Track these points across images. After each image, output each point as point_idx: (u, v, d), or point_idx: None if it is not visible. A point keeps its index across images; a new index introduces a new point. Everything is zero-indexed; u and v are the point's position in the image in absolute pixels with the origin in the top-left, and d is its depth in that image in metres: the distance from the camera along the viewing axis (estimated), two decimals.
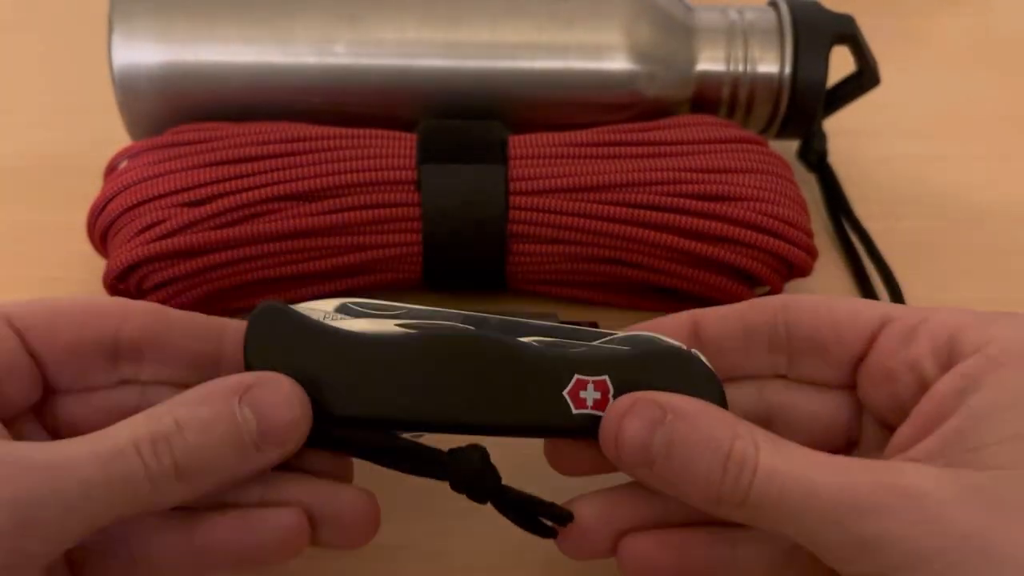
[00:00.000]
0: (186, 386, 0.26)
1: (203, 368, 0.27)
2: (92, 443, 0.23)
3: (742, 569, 0.26)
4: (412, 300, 0.27)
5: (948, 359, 0.24)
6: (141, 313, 0.26)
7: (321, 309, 0.27)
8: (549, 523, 0.27)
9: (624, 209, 0.35)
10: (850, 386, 0.27)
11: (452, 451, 0.26)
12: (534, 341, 0.26)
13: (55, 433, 0.27)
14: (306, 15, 0.38)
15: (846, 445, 0.28)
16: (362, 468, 0.33)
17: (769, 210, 0.36)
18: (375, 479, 0.33)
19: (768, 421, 0.28)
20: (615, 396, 0.25)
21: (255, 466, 0.25)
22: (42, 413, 0.27)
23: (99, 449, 0.23)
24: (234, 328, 0.27)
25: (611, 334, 0.27)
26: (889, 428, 0.26)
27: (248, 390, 0.24)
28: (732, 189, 0.36)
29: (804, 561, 0.26)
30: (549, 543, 0.32)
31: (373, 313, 0.27)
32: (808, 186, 0.43)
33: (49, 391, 0.27)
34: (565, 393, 0.25)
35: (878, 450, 0.27)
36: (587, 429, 0.25)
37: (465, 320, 0.27)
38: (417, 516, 0.32)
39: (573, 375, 0.25)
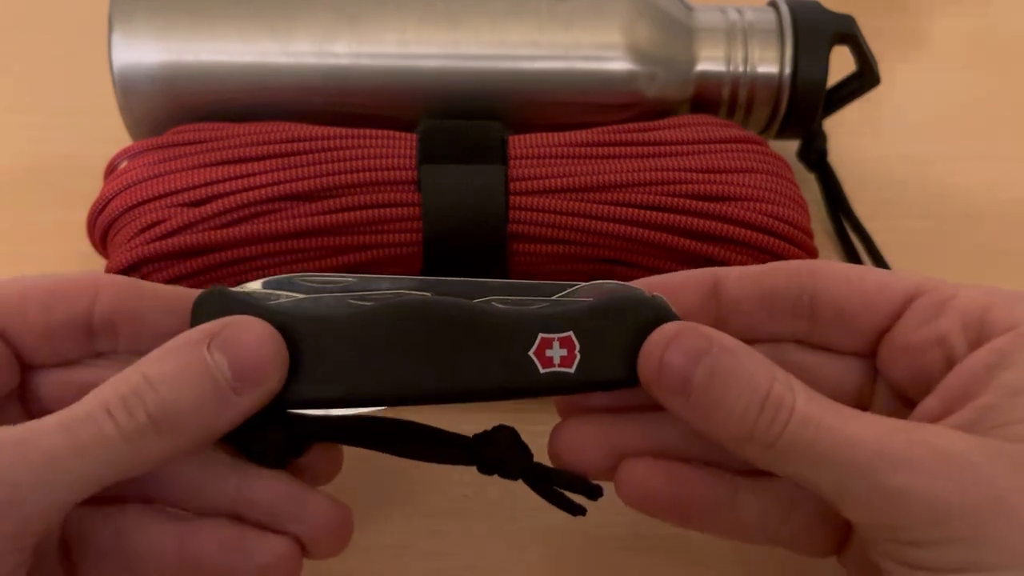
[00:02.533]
0: None
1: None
2: (61, 414, 0.22)
3: (739, 514, 0.26)
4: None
5: (978, 336, 0.24)
6: (113, 288, 0.26)
7: (266, 291, 0.26)
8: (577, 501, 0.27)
9: (624, 209, 0.35)
10: (869, 354, 0.27)
11: (478, 435, 0.26)
12: (494, 300, 0.26)
13: (41, 414, 0.26)
14: (306, 15, 0.38)
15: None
16: (361, 467, 0.33)
17: (769, 210, 0.36)
18: (376, 480, 0.33)
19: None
20: (581, 351, 0.25)
21: (237, 411, 0.24)
22: (24, 396, 0.26)
23: (67, 418, 0.22)
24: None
25: (572, 285, 0.26)
26: (906, 399, 0.26)
27: (216, 335, 0.24)
28: (732, 189, 0.36)
29: (799, 519, 0.26)
30: (549, 544, 0.32)
31: (321, 286, 0.26)
32: (808, 186, 0.43)
33: (28, 371, 0.26)
34: (531, 353, 0.25)
35: (891, 414, 0.27)
36: (557, 387, 0.25)
37: (420, 286, 0.26)
38: (417, 516, 0.32)
39: (537, 334, 0.25)
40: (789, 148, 0.44)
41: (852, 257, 0.41)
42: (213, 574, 0.25)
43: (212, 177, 0.35)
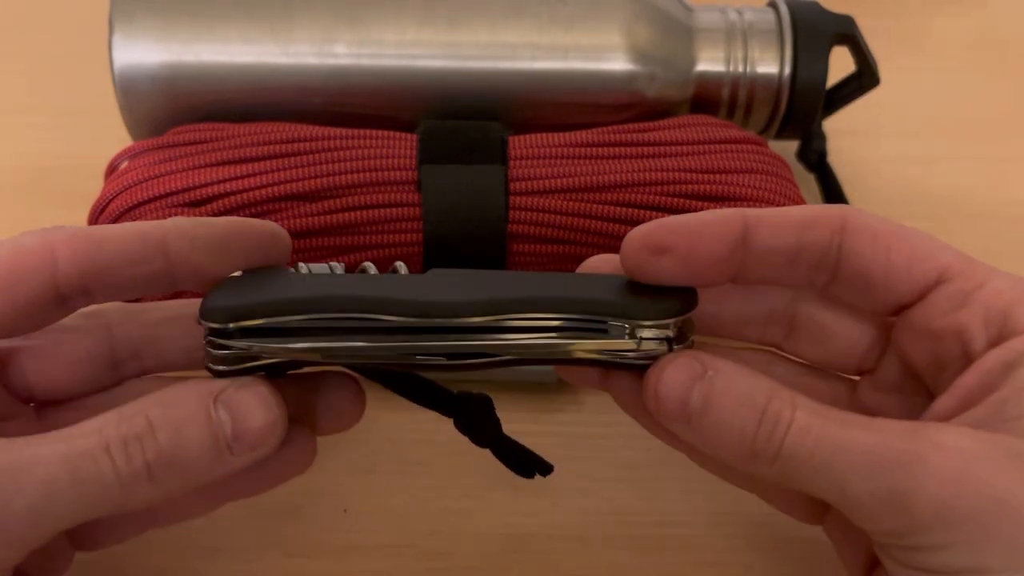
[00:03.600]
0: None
1: (157, 286, 0.26)
2: (60, 442, 0.22)
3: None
4: None
5: (999, 332, 0.24)
6: (71, 249, 0.25)
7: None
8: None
9: (624, 209, 0.35)
10: (885, 321, 0.27)
11: (463, 393, 0.27)
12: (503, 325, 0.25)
13: (26, 387, 0.26)
14: (306, 15, 0.38)
15: (856, 371, 0.28)
16: (361, 467, 0.33)
17: None
18: (376, 479, 0.33)
19: (791, 327, 0.28)
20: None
21: (226, 468, 0.24)
22: (7, 373, 0.26)
23: (66, 450, 0.22)
24: (175, 234, 0.25)
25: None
26: (914, 373, 0.26)
27: (224, 390, 0.24)
28: (732, 189, 0.36)
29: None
30: (549, 544, 0.32)
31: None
32: (808, 186, 0.43)
33: (7, 352, 0.26)
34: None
35: (891, 388, 0.27)
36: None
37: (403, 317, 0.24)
38: (417, 516, 0.32)
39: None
40: (789, 148, 0.44)
41: None
42: None
43: (212, 177, 0.35)
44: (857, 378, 0.28)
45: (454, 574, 0.31)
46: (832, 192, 0.43)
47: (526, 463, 0.29)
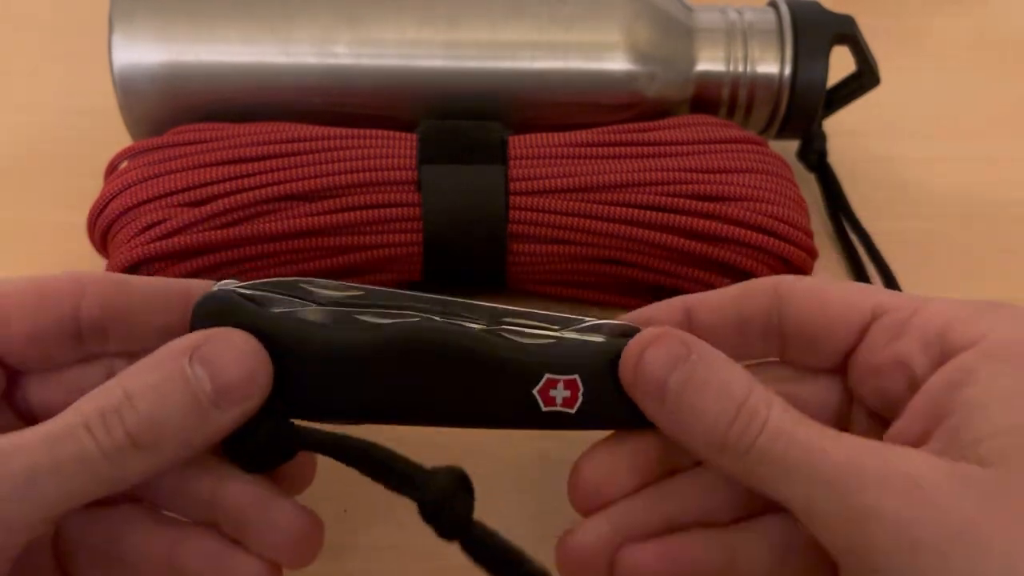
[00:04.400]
0: None
1: (172, 337, 0.25)
2: (40, 428, 0.22)
3: (738, 572, 0.26)
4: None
5: (940, 354, 0.24)
6: (99, 288, 0.25)
7: (274, 294, 0.25)
8: None
9: (624, 209, 0.35)
10: (842, 373, 0.27)
11: (435, 468, 0.25)
12: (507, 322, 0.26)
13: (30, 416, 0.26)
14: (306, 15, 0.38)
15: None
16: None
17: (769, 210, 0.36)
18: (370, 480, 0.33)
19: None
20: (584, 394, 0.25)
21: (217, 427, 0.23)
22: (12, 398, 0.26)
23: (46, 432, 0.22)
24: (196, 288, 0.26)
25: (585, 320, 0.26)
26: (879, 419, 0.26)
27: (198, 348, 0.23)
28: (732, 189, 0.36)
29: (795, 563, 0.26)
30: (549, 547, 0.32)
31: (332, 297, 0.26)
32: (808, 186, 0.43)
33: (15, 376, 0.26)
34: (535, 391, 0.25)
35: (872, 431, 0.26)
36: (556, 425, 0.26)
37: (429, 305, 0.26)
38: (416, 516, 0.32)
39: (544, 374, 0.25)
40: (789, 148, 0.44)
41: (852, 257, 0.41)
42: None
43: (212, 177, 0.35)
44: None
45: (454, 574, 0.31)
46: (832, 192, 0.43)
47: (508, 567, 0.23)
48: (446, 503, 0.24)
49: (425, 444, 0.34)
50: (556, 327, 0.26)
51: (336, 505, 0.32)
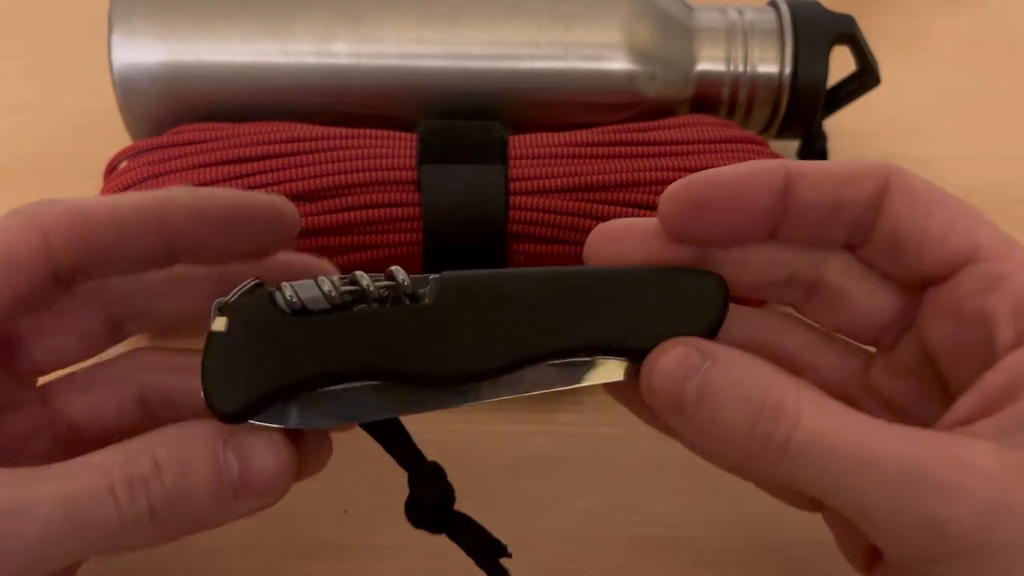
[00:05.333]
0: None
1: (156, 261, 0.25)
2: (61, 480, 0.22)
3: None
4: None
5: None
6: (61, 231, 0.23)
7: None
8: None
9: (624, 209, 0.35)
10: (914, 294, 0.25)
11: (426, 465, 0.26)
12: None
13: (37, 364, 0.26)
14: (306, 15, 0.38)
15: (872, 345, 0.26)
16: (360, 467, 0.33)
17: None
18: (376, 480, 0.33)
19: (812, 291, 0.26)
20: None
21: (230, 514, 0.23)
22: (12, 359, 0.26)
23: (68, 490, 0.21)
24: (175, 206, 0.24)
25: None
26: (932, 358, 0.25)
27: (234, 434, 0.23)
28: None
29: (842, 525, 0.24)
30: (548, 545, 0.32)
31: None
32: None
33: (14, 337, 0.25)
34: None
35: (905, 371, 0.25)
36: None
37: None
38: None
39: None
40: (789, 148, 0.44)
41: None
42: None
43: (212, 177, 0.35)
44: (873, 350, 0.26)
45: (454, 574, 0.31)
46: None
47: (480, 544, 0.27)
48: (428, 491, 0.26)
49: (421, 443, 0.34)
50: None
51: (336, 505, 0.32)
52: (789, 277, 0.26)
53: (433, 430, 0.32)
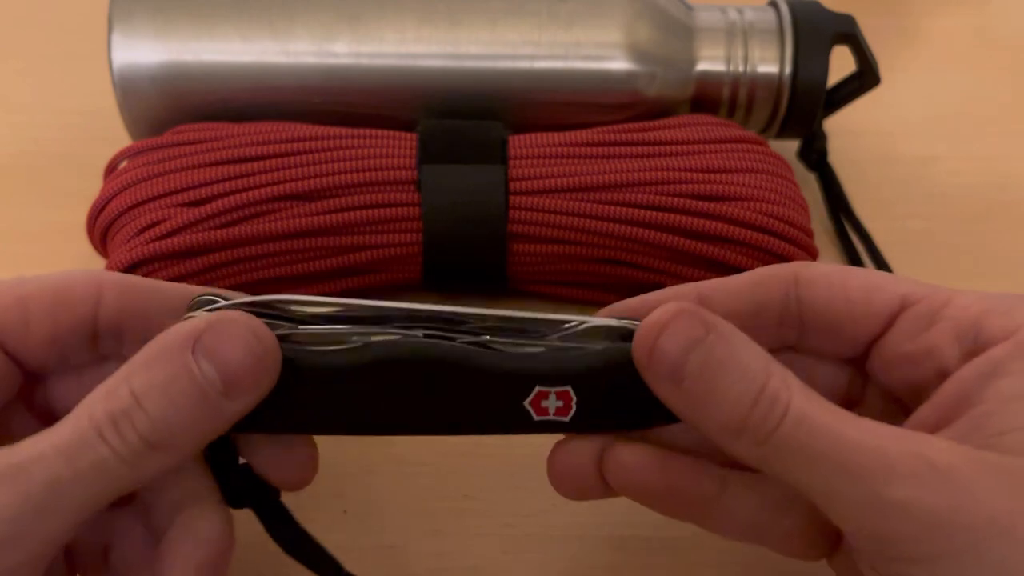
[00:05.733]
0: None
1: None
2: (52, 437, 0.22)
3: (727, 511, 0.25)
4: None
5: (972, 346, 0.24)
6: (116, 289, 0.25)
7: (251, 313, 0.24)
8: None
9: (624, 209, 0.35)
10: (859, 360, 0.27)
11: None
12: (490, 339, 0.25)
13: (48, 416, 0.26)
14: (306, 15, 0.38)
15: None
16: (360, 467, 0.33)
17: (769, 210, 0.36)
18: (376, 480, 0.33)
19: None
20: (577, 403, 0.25)
21: (230, 415, 0.23)
22: (31, 400, 0.26)
23: (61, 442, 0.22)
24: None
25: (572, 320, 0.25)
26: (896, 404, 0.26)
27: (200, 338, 0.22)
28: (732, 189, 0.36)
29: (789, 522, 0.25)
30: (548, 545, 0.32)
31: (309, 313, 0.25)
32: (808, 186, 0.43)
33: (32, 377, 0.26)
34: (526, 403, 0.25)
35: (879, 418, 0.26)
36: (551, 431, 0.25)
37: (410, 319, 0.25)
38: (417, 516, 0.32)
39: (534, 386, 0.24)
40: (789, 148, 0.44)
41: (852, 257, 0.41)
42: None
43: (212, 177, 0.35)
44: None
45: (454, 574, 0.31)
46: (832, 192, 0.43)
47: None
48: None
49: (422, 443, 0.34)
50: (548, 334, 0.25)
51: (336, 505, 0.32)
52: None
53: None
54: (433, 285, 0.37)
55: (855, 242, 0.42)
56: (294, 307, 0.25)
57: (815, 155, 0.43)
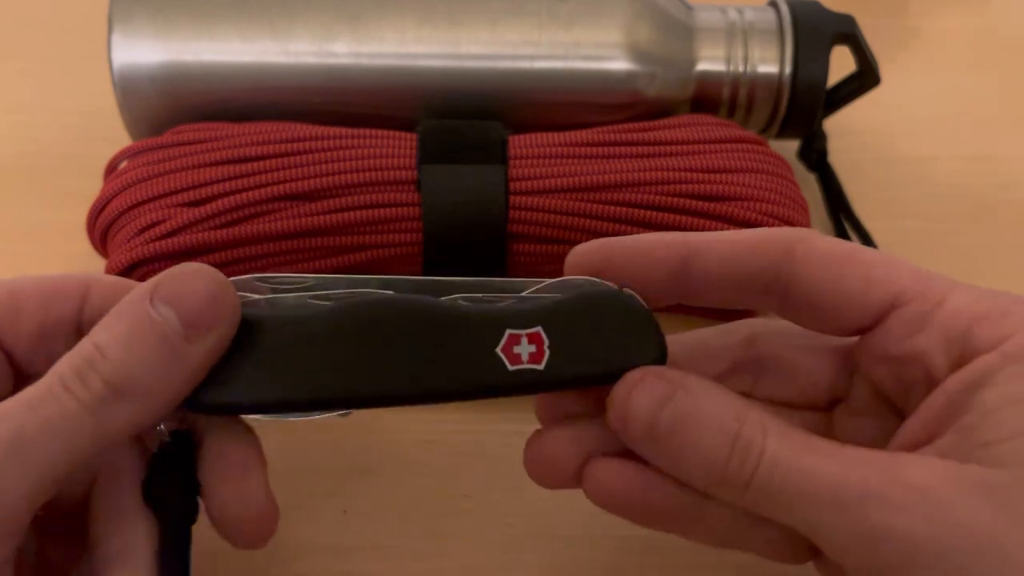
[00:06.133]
0: None
1: None
2: (22, 394, 0.22)
3: (706, 521, 0.25)
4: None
5: (961, 354, 0.23)
6: (102, 291, 0.25)
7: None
8: None
9: (624, 209, 0.35)
10: (848, 347, 0.26)
11: None
12: (460, 299, 0.25)
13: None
14: (306, 15, 0.38)
15: (828, 402, 0.27)
16: (359, 466, 0.33)
17: (769, 210, 0.36)
18: (376, 480, 0.33)
19: (757, 373, 0.27)
20: (550, 347, 0.24)
21: (197, 361, 0.23)
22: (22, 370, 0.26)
23: (26, 397, 0.22)
24: None
25: (541, 282, 0.26)
26: (883, 395, 0.26)
27: (157, 287, 0.23)
28: (732, 189, 0.36)
29: (769, 531, 0.25)
30: (548, 545, 0.32)
31: (279, 286, 0.25)
32: (808, 186, 0.43)
33: (21, 377, 0.26)
34: (498, 350, 0.24)
35: (865, 412, 0.26)
36: (527, 385, 0.25)
37: (382, 285, 0.25)
38: (416, 516, 0.32)
39: (504, 330, 0.24)
40: (789, 148, 0.44)
41: None
42: None
43: (212, 177, 0.35)
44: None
45: (454, 574, 0.31)
46: (832, 192, 0.43)
47: None
48: None
49: (422, 443, 0.34)
50: (513, 294, 0.25)
51: (336, 505, 0.32)
52: (731, 368, 0.27)
53: (434, 429, 0.32)
54: None
55: (855, 242, 0.42)
56: (269, 284, 0.25)
57: (815, 155, 0.43)
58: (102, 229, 0.36)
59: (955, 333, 0.23)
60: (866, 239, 0.42)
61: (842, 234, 0.42)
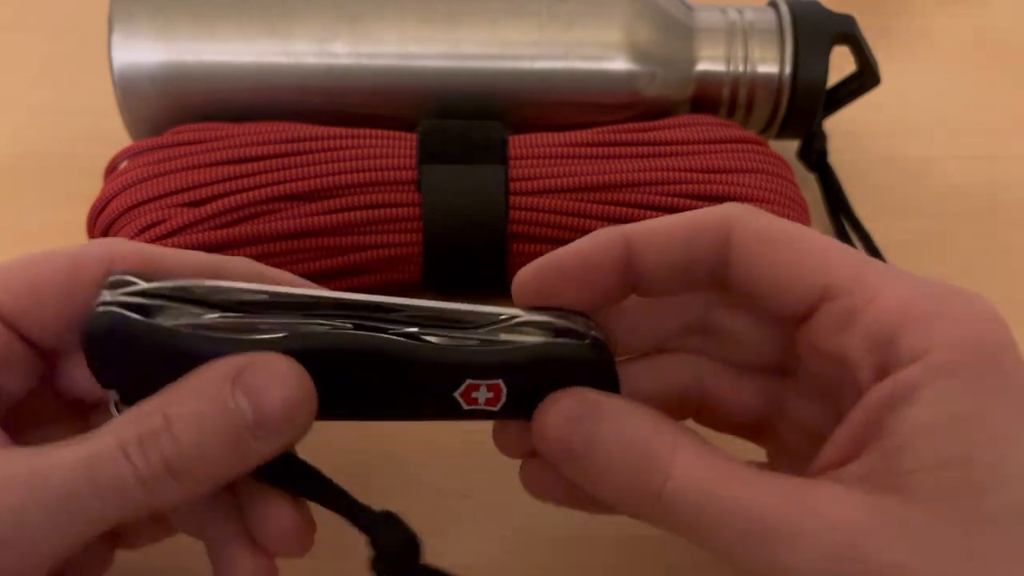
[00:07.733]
0: None
1: None
2: (78, 448, 0.22)
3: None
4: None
5: (885, 361, 0.22)
6: (127, 263, 0.24)
7: (168, 302, 0.23)
8: None
9: (624, 209, 0.35)
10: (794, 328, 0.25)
11: (382, 515, 0.26)
12: (419, 330, 0.24)
13: (74, 400, 0.26)
14: (306, 15, 0.38)
15: (779, 371, 0.26)
16: (359, 466, 0.33)
17: (769, 210, 0.35)
18: (375, 480, 0.33)
19: (707, 335, 0.27)
20: (508, 394, 0.24)
21: (255, 458, 0.23)
22: (55, 383, 0.26)
23: (84, 454, 0.21)
24: (232, 268, 0.26)
25: (508, 314, 0.25)
26: (824, 387, 0.25)
27: (241, 374, 0.22)
28: (732, 189, 0.36)
29: None
30: (548, 545, 0.32)
31: (231, 301, 0.24)
32: (808, 186, 0.43)
33: (53, 360, 0.25)
34: (456, 395, 0.24)
35: (812, 393, 0.26)
36: (479, 417, 0.25)
37: (337, 309, 0.24)
38: (415, 516, 0.32)
39: (464, 379, 0.24)
40: (789, 148, 0.44)
41: None
42: None
43: (212, 177, 0.35)
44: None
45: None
46: (832, 192, 0.43)
47: None
48: (400, 555, 0.25)
49: (422, 443, 0.34)
50: (484, 327, 0.25)
51: None
52: (681, 328, 0.27)
53: (434, 429, 0.32)
54: (433, 285, 0.37)
55: (855, 242, 0.42)
56: (214, 295, 0.24)
57: (815, 155, 0.43)
58: (102, 229, 0.36)
59: (881, 337, 0.22)
60: (866, 239, 0.42)
61: (842, 234, 0.42)
